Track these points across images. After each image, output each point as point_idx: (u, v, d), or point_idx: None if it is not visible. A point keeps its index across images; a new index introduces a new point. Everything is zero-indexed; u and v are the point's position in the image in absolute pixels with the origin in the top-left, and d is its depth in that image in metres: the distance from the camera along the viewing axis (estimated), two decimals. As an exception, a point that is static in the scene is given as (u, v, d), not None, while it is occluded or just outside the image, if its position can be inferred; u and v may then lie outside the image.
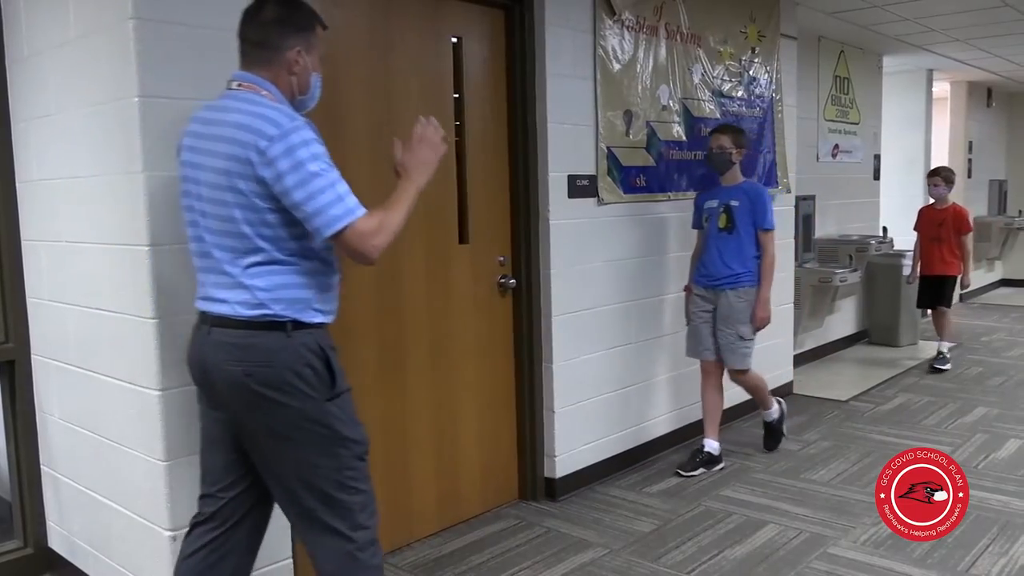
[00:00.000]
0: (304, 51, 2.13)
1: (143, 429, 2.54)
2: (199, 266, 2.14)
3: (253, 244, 2.02)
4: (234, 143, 1.98)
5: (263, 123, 1.96)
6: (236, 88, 2.09)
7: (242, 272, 2.03)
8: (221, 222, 2.03)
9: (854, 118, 7.27)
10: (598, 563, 3.24)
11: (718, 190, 4.16)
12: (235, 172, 1.98)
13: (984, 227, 10.06)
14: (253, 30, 2.11)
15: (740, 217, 4.04)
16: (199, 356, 2.13)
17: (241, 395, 2.05)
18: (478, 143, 3.58)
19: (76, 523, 3.03)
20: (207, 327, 2.09)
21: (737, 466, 4.30)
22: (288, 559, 2.81)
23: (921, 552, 3.24)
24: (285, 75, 2.12)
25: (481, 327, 3.66)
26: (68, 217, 2.79)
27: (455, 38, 3.47)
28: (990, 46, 7.28)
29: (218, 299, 2.07)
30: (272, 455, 2.11)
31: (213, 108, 2.10)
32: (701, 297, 4.16)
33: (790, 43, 5.39)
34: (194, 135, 2.10)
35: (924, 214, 6.54)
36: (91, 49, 2.54)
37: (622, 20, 4.03)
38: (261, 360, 2.02)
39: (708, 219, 4.15)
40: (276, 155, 1.94)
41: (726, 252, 4.06)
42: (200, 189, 2.06)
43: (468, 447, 3.64)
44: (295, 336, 2.04)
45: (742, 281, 4.05)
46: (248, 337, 2.03)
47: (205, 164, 2.04)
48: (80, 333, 2.82)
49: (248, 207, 2.00)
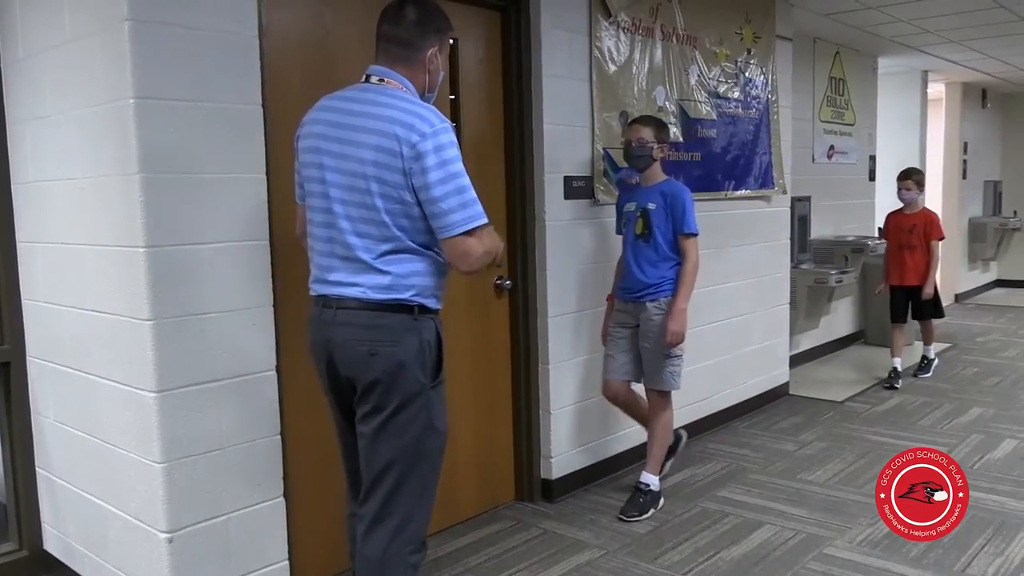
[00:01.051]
0: (439, 51, 2.30)
1: (139, 431, 2.54)
2: (323, 250, 2.24)
3: (390, 233, 2.14)
4: (385, 135, 2.10)
5: (417, 120, 2.10)
6: (378, 83, 2.22)
7: (377, 258, 2.16)
8: (361, 209, 2.14)
9: (849, 119, 7.28)
10: (595, 564, 3.24)
11: (636, 191, 3.75)
12: (384, 163, 2.10)
13: (979, 228, 10.10)
14: (396, 29, 2.24)
15: (657, 222, 3.61)
16: (324, 337, 2.25)
17: (364, 374, 2.18)
18: (474, 145, 3.58)
19: (72, 525, 3.02)
20: (332, 310, 2.21)
21: (734, 466, 4.30)
22: (284, 561, 2.81)
23: (917, 552, 3.25)
24: (422, 73, 2.27)
25: (477, 328, 3.66)
26: (64, 219, 2.79)
27: (451, 39, 3.47)
28: (984, 47, 7.30)
29: (348, 283, 2.19)
30: (374, 432, 2.22)
31: (353, 99, 2.21)
32: (621, 312, 3.75)
33: (785, 44, 5.40)
34: (331, 124, 2.19)
35: (893, 220, 6.07)
36: (87, 51, 2.54)
37: (618, 21, 4.04)
38: (388, 339, 2.16)
39: (626, 224, 3.75)
40: (426, 150, 2.08)
41: (643, 261, 3.63)
42: (337, 176, 2.17)
43: (464, 448, 3.64)
44: (420, 320, 2.20)
45: (663, 291, 3.62)
46: (378, 318, 2.16)
47: (348, 154, 2.15)
48: (76, 335, 2.82)
49: (392, 198, 2.12)
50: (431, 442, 2.26)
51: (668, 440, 3.80)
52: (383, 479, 2.24)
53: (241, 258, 2.63)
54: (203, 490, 2.58)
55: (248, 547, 2.71)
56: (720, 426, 4.95)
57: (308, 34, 2.96)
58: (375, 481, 2.25)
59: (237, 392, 2.65)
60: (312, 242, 2.28)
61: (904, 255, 5.93)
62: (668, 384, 3.65)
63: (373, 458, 2.25)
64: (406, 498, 2.24)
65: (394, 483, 2.23)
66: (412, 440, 2.21)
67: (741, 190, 4.98)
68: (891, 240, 6.03)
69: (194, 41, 2.48)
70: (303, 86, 2.84)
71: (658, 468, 3.75)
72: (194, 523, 2.56)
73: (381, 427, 2.21)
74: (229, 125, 2.57)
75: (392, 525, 2.24)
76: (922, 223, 5.89)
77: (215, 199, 2.55)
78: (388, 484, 2.23)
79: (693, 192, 4.53)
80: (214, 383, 2.59)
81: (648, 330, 3.62)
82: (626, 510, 3.63)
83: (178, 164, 2.47)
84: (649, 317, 3.61)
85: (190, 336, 2.52)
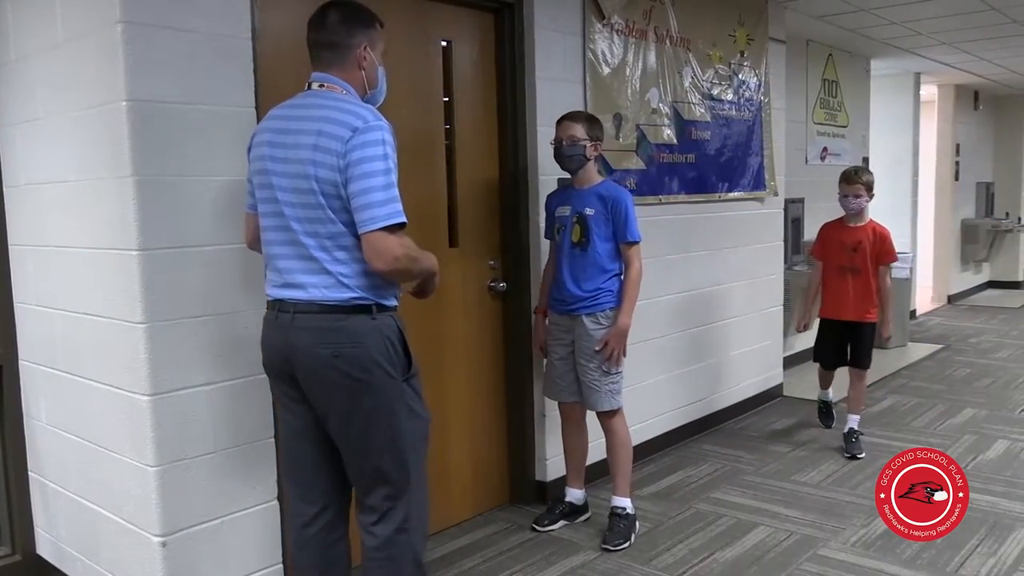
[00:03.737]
0: (369, 46, 2.31)
1: (132, 434, 2.53)
2: (277, 254, 2.26)
3: (338, 229, 2.17)
4: (321, 135, 2.14)
5: (351, 117, 2.15)
6: (318, 88, 2.27)
7: (330, 258, 2.18)
8: (309, 210, 2.17)
9: (842, 121, 7.30)
10: (589, 566, 3.24)
11: (570, 195, 3.41)
12: (321, 162, 2.14)
13: (972, 229, 10.14)
14: (322, 33, 2.29)
15: (596, 229, 3.30)
16: (283, 342, 2.25)
17: (327, 377, 2.19)
18: (468, 146, 3.58)
19: (65, 529, 3.01)
20: (290, 314, 2.22)
21: (728, 468, 4.30)
22: (279, 564, 2.81)
23: (911, 553, 3.25)
24: (356, 72, 2.30)
25: (471, 331, 3.65)
26: (56, 221, 2.78)
27: (445, 41, 3.47)
28: (977, 50, 7.33)
29: (303, 285, 2.20)
30: (357, 435, 2.24)
31: (295, 106, 2.27)
32: (556, 326, 3.46)
33: (779, 46, 5.41)
34: (276, 131, 2.25)
35: (831, 234, 4.60)
36: (79, 53, 2.53)
37: (611, 23, 4.04)
38: (350, 342, 2.17)
39: (560, 230, 3.41)
40: (355, 146, 2.12)
41: (580, 271, 3.33)
42: (284, 180, 2.20)
43: (458, 451, 3.63)
44: (379, 318, 2.22)
45: (600, 303, 3.32)
46: (337, 320, 2.18)
47: (291, 157, 2.19)
48: (68, 338, 2.81)
49: (333, 196, 2.15)
50: (417, 430, 2.32)
51: (630, 458, 3.52)
52: (379, 476, 2.27)
53: (234, 261, 2.62)
54: (197, 493, 2.57)
55: (242, 550, 2.70)
56: (714, 428, 4.96)
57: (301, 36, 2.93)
58: (372, 480, 2.28)
59: (231, 395, 2.64)
60: (267, 248, 2.30)
61: (845, 281, 4.49)
62: (611, 403, 3.39)
63: (363, 459, 2.27)
64: (406, 489, 2.29)
65: (392, 477, 2.27)
66: (397, 433, 2.26)
67: (734, 192, 4.99)
68: (828, 259, 4.57)
69: (187, 43, 2.48)
70: (296, 89, 2.80)
71: (628, 489, 3.50)
72: (188, 526, 2.56)
73: (363, 428, 2.23)
74: (223, 127, 2.57)
75: (399, 517, 2.29)
76: (870, 240, 4.45)
77: (208, 202, 2.55)
78: (386, 479, 2.27)
79: (687, 194, 4.58)
80: (208, 386, 2.58)
81: (586, 346, 3.34)
82: (609, 539, 3.38)
83: (172, 167, 2.46)
84: (587, 332, 3.33)
85: (183, 339, 2.51)
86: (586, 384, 3.39)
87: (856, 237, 4.48)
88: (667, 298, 4.49)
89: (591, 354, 3.34)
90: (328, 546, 2.38)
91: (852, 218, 4.54)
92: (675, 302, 4.57)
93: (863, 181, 4.49)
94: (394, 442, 2.26)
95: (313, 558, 2.39)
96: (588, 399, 3.42)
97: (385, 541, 2.29)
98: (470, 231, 3.60)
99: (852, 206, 4.49)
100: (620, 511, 3.47)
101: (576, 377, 3.43)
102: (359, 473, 2.31)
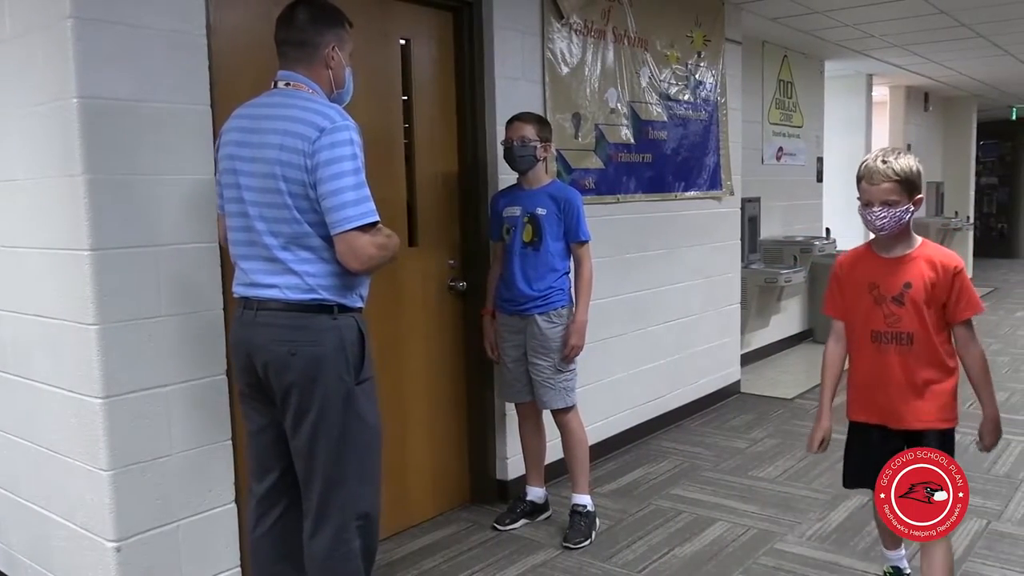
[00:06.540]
0: (337, 46, 2.31)
1: (85, 438, 2.48)
2: (243, 254, 2.26)
3: (304, 230, 2.17)
4: (288, 134, 2.14)
5: (317, 117, 2.14)
6: (284, 87, 2.26)
7: (293, 258, 2.18)
8: (274, 209, 2.17)
9: (797, 121, 7.41)
10: (550, 564, 3.25)
11: (518, 195, 3.43)
12: (287, 162, 2.13)
13: (922, 229, 10.21)
14: (290, 32, 2.28)
15: (548, 229, 3.34)
16: (245, 338, 2.27)
17: (283, 375, 2.19)
18: (427, 146, 3.57)
19: (15, 536, 2.94)
20: (253, 311, 2.24)
21: (686, 465, 4.34)
22: (236, 567, 2.77)
23: (864, 546, 3.32)
24: (324, 71, 2.30)
25: (431, 330, 3.64)
26: (4, 221, 2.71)
27: (403, 40, 3.46)
28: (926, 52, 7.49)
29: (266, 284, 2.21)
30: (305, 435, 2.22)
31: (262, 104, 2.26)
32: (506, 327, 3.47)
33: (735, 47, 5.48)
34: (242, 130, 2.24)
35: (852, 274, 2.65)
36: (28, 48, 2.47)
37: (570, 23, 4.06)
38: (307, 340, 2.18)
39: (509, 230, 3.43)
40: (322, 146, 2.11)
41: (531, 271, 3.35)
42: (250, 180, 2.20)
43: (418, 451, 3.62)
44: (340, 319, 2.22)
45: (552, 302, 3.35)
46: (297, 319, 2.19)
47: (257, 156, 2.19)
48: (18, 340, 2.74)
49: (299, 196, 2.14)
50: (363, 437, 2.28)
51: (587, 454, 3.53)
52: (319, 479, 2.25)
53: (189, 261, 2.58)
54: (152, 497, 2.53)
55: (199, 554, 2.67)
56: (672, 425, 5.00)
57: (258, 33, 2.91)
58: (312, 482, 2.26)
59: (187, 397, 2.60)
60: (233, 248, 2.30)
61: (887, 357, 2.54)
62: (565, 401, 3.41)
63: (308, 460, 2.25)
64: (344, 495, 2.25)
65: (331, 482, 2.24)
66: (341, 437, 2.23)
67: (691, 191, 5.04)
68: (854, 319, 2.64)
69: (139, 39, 2.44)
70: (253, 87, 2.78)
71: (587, 486, 3.51)
72: (143, 531, 2.51)
73: (311, 429, 2.21)
74: (176, 125, 2.53)
75: (336, 523, 2.25)
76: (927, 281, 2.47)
77: (162, 201, 2.51)
78: (325, 483, 2.24)
79: (644, 193, 4.63)
80: (163, 388, 2.54)
81: (539, 345, 3.37)
82: (571, 537, 3.39)
83: (124, 165, 2.42)
84: (540, 330, 3.35)
85: (137, 341, 2.47)
86: (540, 383, 3.41)
87: (899, 276, 2.50)
88: (625, 296, 4.52)
89: (544, 352, 3.37)
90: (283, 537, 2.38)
91: (887, 243, 2.54)
92: (633, 300, 4.61)
93: (897, 175, 2.44)
94: (337, 446, 2.23)
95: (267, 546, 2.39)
96: (542, 397, 3.43)
97: (324, 547, 2.25)
98: (429, 230, 3.59)
99: (882, 222, 2.46)
100: (580, 509, 3.49)
101: (530, 377, 3.45)
102: (302, 473, 2.29)
